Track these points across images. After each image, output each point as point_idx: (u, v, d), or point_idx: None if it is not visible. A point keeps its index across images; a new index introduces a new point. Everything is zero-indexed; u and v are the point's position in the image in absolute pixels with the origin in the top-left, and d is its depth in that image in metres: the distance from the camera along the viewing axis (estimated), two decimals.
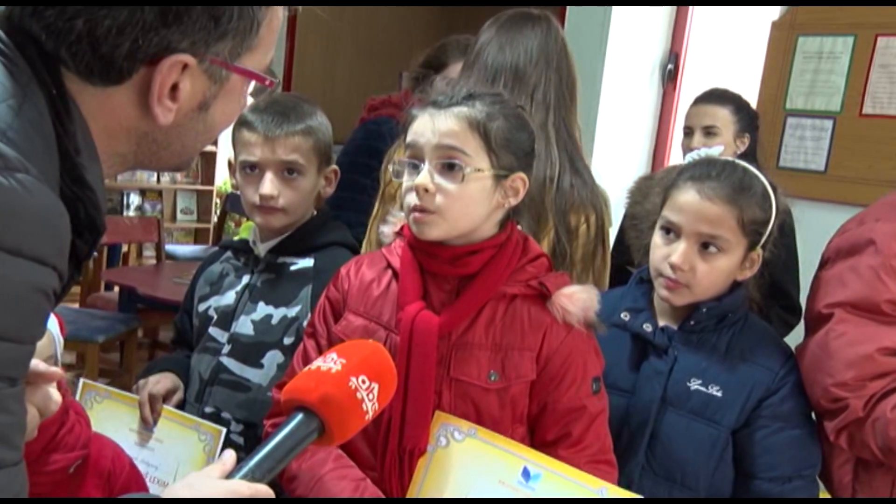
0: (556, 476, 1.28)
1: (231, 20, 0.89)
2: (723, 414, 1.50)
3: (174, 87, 0.89)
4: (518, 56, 1.78)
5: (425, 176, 1.33)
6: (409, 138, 1.38)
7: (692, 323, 1.54)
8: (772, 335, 1.61)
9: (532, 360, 1.37)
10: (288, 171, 1.72)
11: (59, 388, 1.28)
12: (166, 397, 1.69)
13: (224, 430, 1.61)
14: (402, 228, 1.47)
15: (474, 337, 1.37)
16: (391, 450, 1.34)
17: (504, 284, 1.38)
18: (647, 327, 1.56)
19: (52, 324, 1.33)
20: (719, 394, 1.50)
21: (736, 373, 1.52)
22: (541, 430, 1.40)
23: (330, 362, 1.07)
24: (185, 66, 0.88)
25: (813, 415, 1.55)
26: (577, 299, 1.38)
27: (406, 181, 1.37)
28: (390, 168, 1.41)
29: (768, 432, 1.50)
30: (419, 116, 1.37)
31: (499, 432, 1.36)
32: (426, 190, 1.32)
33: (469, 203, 1.34)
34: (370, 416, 1.07)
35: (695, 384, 1.51)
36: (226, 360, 1.72)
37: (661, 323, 1.57)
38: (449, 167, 1.33)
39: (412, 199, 1.34)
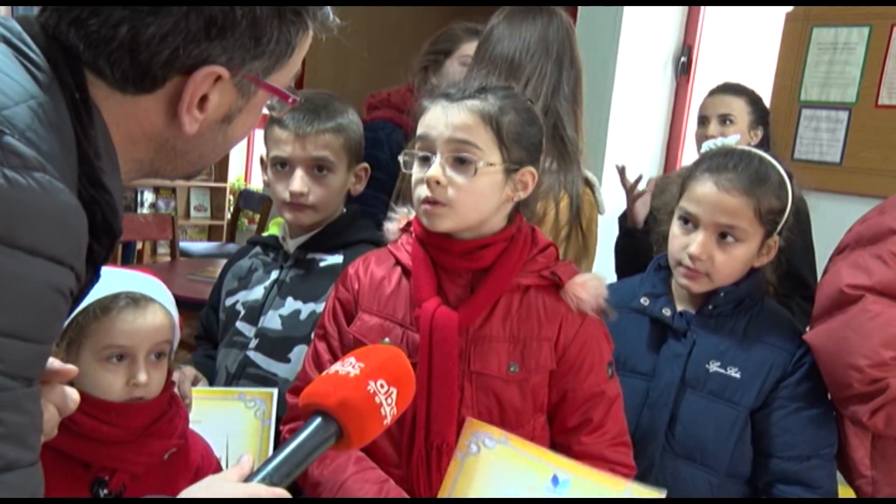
0: (584, 482, 1.29)
1: (270, 42, 0.90)
2: (741, 395, 1.52)
3: (203, 98, 0.89)
4: (515, 48, 1.81)
5: (437, 169, 1.33)
6: (420, 130, 1.37)
7: (710, 307, 1.57)
8: (788, 319, 1.63)
9: (550, 350, 1.38)
10: (318, 168, 1.72)
11: (168, 376, 1.35)
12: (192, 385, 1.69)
13: (275, 391, 1.60)
14: (407, 224, 1.48)
15: (492, 330, 1.37)
16: (418, 447, 1.35)
17: (517, 276, 1.38)
18: (666, 311, 1.59)
19: (173, 307, 1.38)
20: (737, 375, 1.53)
21: (753, 355, 1.54)
22: (561, 418, 1.42)
23: (348, 366, 1.07)
24: (218, 79, 0.88)
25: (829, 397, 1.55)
26: (589, 287, 1.39)
27: (416, 173, 1.37)
28: (400, 159, 1.41)
29: (786, 412, 1.52)
30: (430, 108, 1.37)
31: (521, 423, 1.38)
32: (438, 183, 1.32)
33: (480, 196, 1.34)
34: (388, 420, 1.07)
35: (713, 366, 1.54)
36: (253, 355, 1.73)
37: (680, 308, 1.60)
38: (461, 161, 1.33)
39: (423, 191, 1.34)
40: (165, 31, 0.84)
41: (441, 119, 1.34)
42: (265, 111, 1.02)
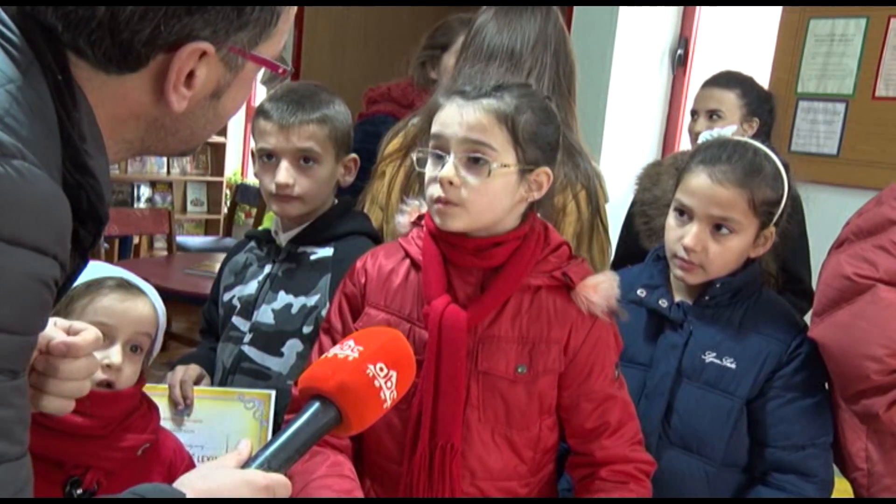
0: None
1: (254, 11, 0.88)
2: (737, 385, 1.53)
3: (190, 75, 0.87)
4: (515, 39, 1.78)
5: (450, 169, 1.30)
6: (434, 128, 1.35)
7: (707, 298, 1.57)
8: (785, 309, 1.63)
9: (560, 352, 1.37)
10: (304, 159, 1.71)
11: (141, 376, 1.34)
12: (195, 383, 1.70)
13: (273, 393, 1.60)
14: (419, 218, 1.46)
15: (500, 330, 1.36)
16: (421, 446, 1.34)
17: (528, 276, 1.37)
18: (663, 303, 1.59)
19: (162, 310, 1.38)
20: (733, 366, 1.53)
21: (749, 345, 1.55)
22: (577, 421, 1.40)
23: (347, 349, 1.06)
24: (204, 54, 0.86)
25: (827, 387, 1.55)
26: (601, 289, 1.37)
27: (430, 172, 1.35)
28: (413, 156, 1.40)
29: (781, 402, 1.53)
30: (446, 106, 1.34)
31: (527, 424, 1.38)
32: (451, 183, 1.30)
33: (493, 198, 1.32)
34: (388, 404, 1.05)
35: (709, 357, 1.55)
36: (247, 349, 1.73)
37: (677, 298, 1.61)
38: (474, 161, 1.31)
39: (436, 190, 1.32)
40: (144, 8, 0.82)
41: (455, 118, 1.31)
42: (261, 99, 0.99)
